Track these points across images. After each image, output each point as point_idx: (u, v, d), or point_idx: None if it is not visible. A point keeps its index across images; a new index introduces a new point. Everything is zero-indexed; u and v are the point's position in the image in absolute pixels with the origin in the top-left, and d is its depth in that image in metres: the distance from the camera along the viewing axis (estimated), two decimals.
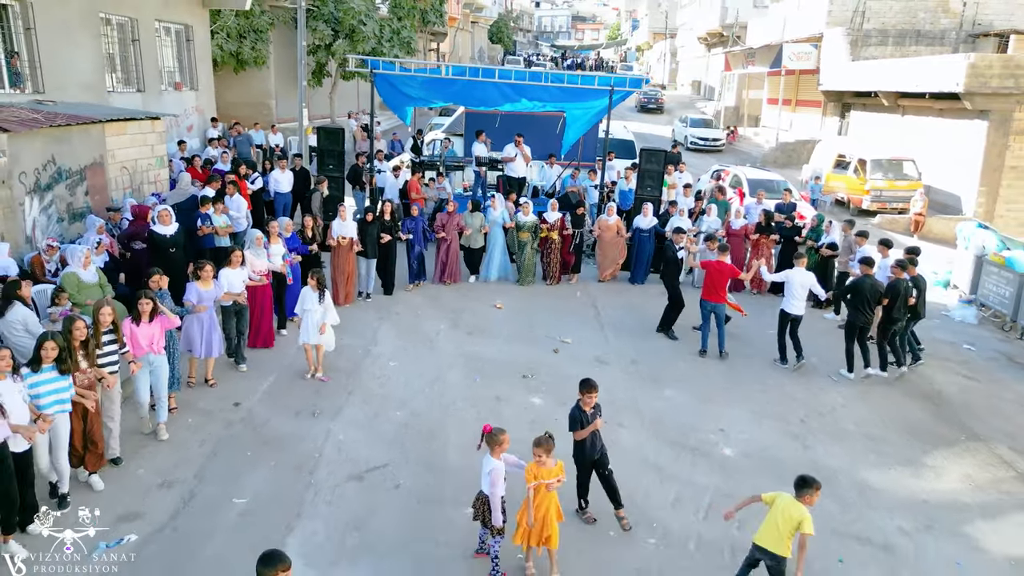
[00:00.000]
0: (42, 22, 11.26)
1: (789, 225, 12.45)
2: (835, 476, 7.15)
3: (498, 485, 5.21)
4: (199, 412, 7.65)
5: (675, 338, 10.44)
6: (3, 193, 8.89)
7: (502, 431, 5.27)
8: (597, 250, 12.94)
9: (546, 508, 5.29)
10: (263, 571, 3.63)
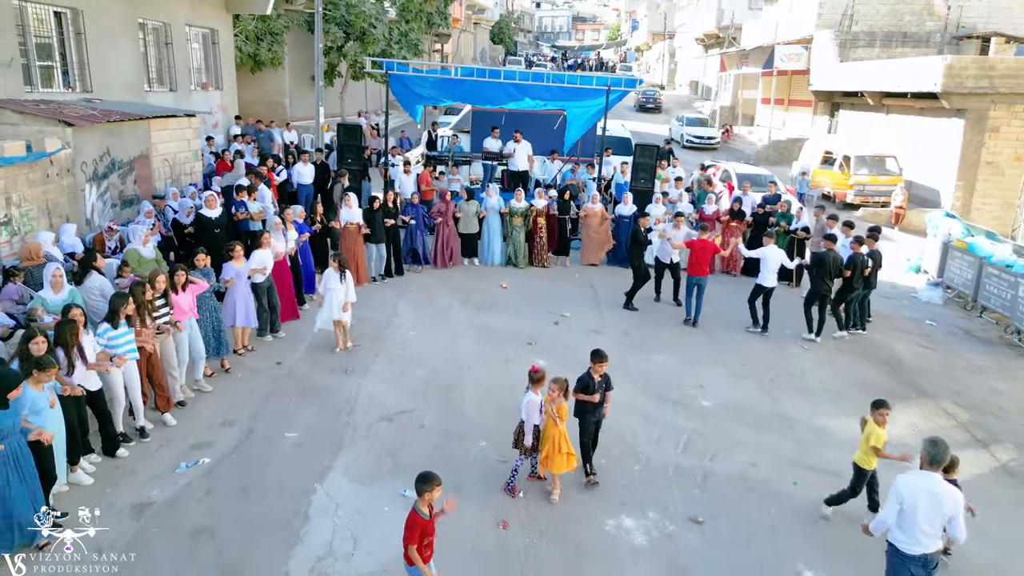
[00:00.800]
0: (91, 28, 12.43)
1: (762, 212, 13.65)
2: (796, 422, 8.32)
3: (533, 415, 6.36)
4: (247, 369, 8.82)
5: (635, 309, 11.63)
6: (68, 180, 10.05)
7: (544, 372, 6.42)
8: (582, 234, 14.10)
9: (558, 438, 6.40)
10: (422, 488, 4.67)
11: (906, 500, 4.76)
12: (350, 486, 6.55)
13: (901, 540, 4.82)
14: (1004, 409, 9.16)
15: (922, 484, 4.76)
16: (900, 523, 4.81)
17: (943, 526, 4.76)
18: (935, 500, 4.70)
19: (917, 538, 4.75)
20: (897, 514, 4.80)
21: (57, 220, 9.74)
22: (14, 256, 8.78)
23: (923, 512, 4.71)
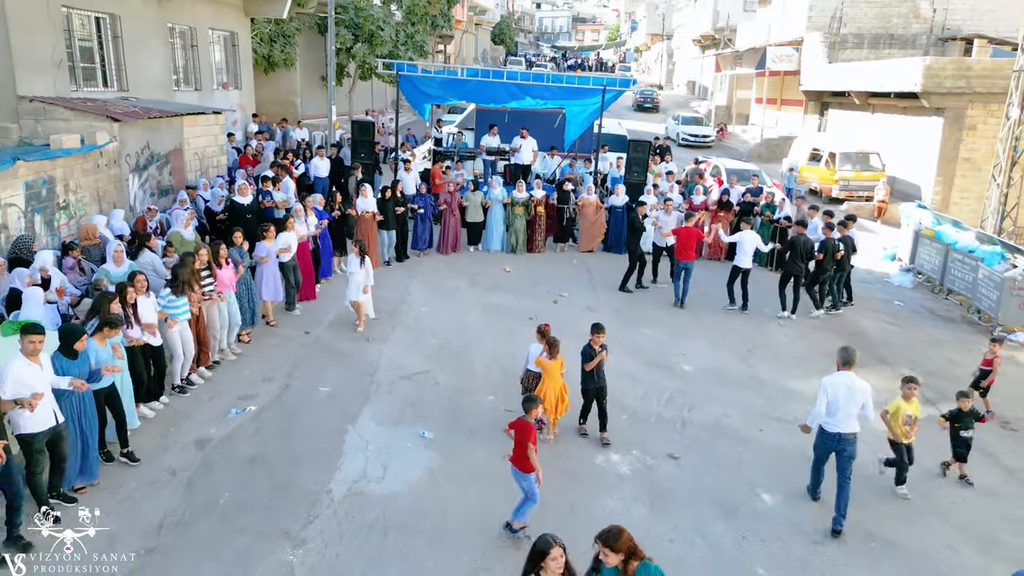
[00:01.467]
0: (127, 32, 13.51)
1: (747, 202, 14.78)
2: (766, 383, 9.42)
3: (530, 361, 7.47)
4: (280, 337, 9.93)
5: (630, 291, 12.71)
6: (114, 171, 11.15)
7: (549, 330, 7.53)
8: (579, 223, 15.18)
9: (558, 388, 7.50)
10: (529, 406, 5.90)
11: (830, 393, 6.34)
12: (377, 428, 7.65)
13: (827, 422, 6.41)
14: (956, 376, 10.21)
15: (840, 380, 6.37)
16: (827, 411, 6.36)
17: (860, 411, 6.35)
18: (851, 392, 6.28)
19: (839, 419, 6.32)
20: (825, 405, 6.27)
21: (106, 206, 10.84)
22: (71, 237, 9.88)
23: (843, 401, 6.30)
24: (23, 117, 10.99)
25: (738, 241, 11.78)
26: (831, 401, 6.32)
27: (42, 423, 5.63)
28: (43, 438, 5.69)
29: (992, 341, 8.72)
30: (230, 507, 6.20)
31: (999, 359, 8.52)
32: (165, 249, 9.89)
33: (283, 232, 10.51)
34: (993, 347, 8.57)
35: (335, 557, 5.66)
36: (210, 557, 5.58)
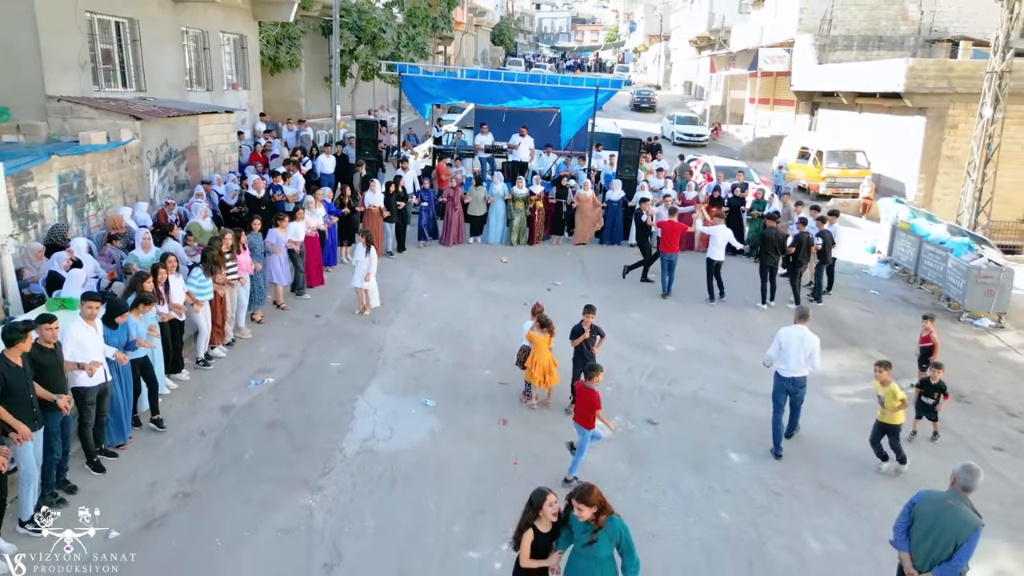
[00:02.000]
0: (144, 35, 14.28)
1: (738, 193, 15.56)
2: (743, 363, 10.19)
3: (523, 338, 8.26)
4: (292, 320, 10.71)
5: (651, 280, 13.45)
6: (136, 166, 11.93)
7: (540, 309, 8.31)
8: (576, 217, 15.95)
9: (547, 360, 8.27)
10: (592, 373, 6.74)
11: (783, 342, 7.65)
12: (384, 397, 8.43)
13: (782, 368, 7.69)
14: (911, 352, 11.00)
15: (794, 332, 7.69)
16: (781, 358, 7.67)
17: (808, 359, 7.60)
18: (801, 342, 7.59)
19: (791, 365, 7.59)
20: (778, 351, 7.69)
21: (129, 199, 11.62)
22: (99, 227, 10.66)
23: (794, 349, 7.58)
24: (51, 116, 11.77)
25: (711, 234, 12.54)
26: (784, 348, 7.64)
27: (95, 379, 6.40)
28: (94, 392, 6.45)
29: (924, 319, 9.26)
30: (254, 461, 6.98)
31: (935, 334, 9.12)
32: (185, 238, 10.66)
33: (292, 222, 11.30)
34: (926, 324, 9.12)
35: (349, 501, 6.43)
36: (240, 501, 6.35)
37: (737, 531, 6.42)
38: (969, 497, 4.70)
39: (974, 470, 4.75)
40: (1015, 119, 22.22)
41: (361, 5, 25.40)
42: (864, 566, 6.09)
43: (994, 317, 12.65)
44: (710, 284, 12.69)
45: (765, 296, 12.52)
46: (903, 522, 4.83)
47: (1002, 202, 22.16)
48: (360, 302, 11.36)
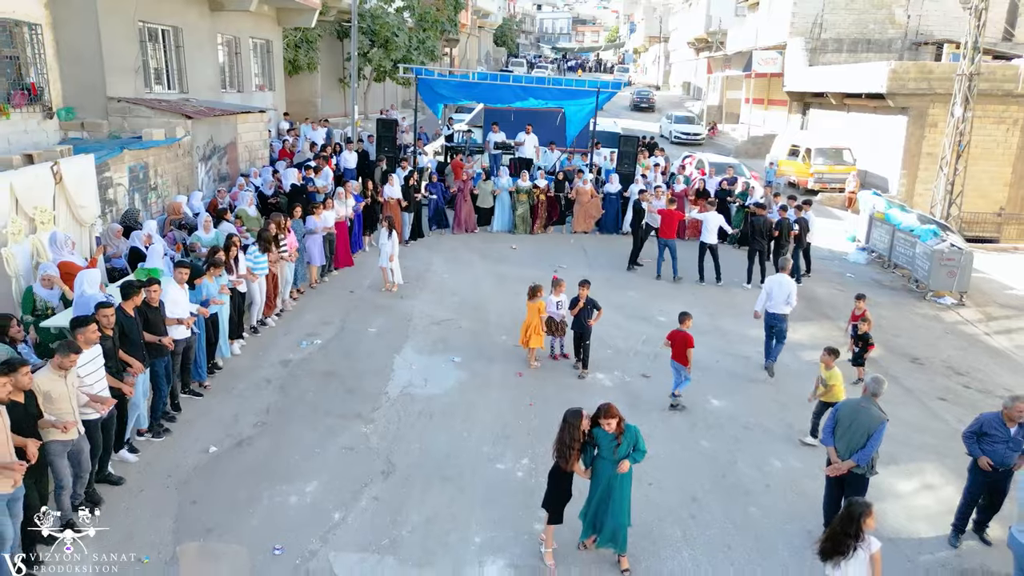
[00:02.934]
0: (187, 42, 15.71)
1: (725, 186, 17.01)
2: (728, 331, 11.61)
3: (551, 308, 9.64)
4: (328, 295, 12.14)
5: (641, 265, 14.87)
6: (187, 160, 13.37)
7: (562, 281, 9.72)
8: (575, 208, 17.35)
9: (536, 324, 9.67)
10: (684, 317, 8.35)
11: (768, 288, 9.90)
12: (417, 356, 9.86)
13: (769, 305, 9.82)
14: (883, 327, 12.42)
15: (776, 279, 9.91)
16: (768, 299, 9.81)
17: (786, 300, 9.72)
18: (780, 286, 9.79)
19: (774, 304, 9.77)
20: (766, 296, 9.78)
21: (182, 189, 13.05)
22: (160, 213, 12.10)
23: (775, 291, 9.78)
24: (111, 115, 13.19)
25: (703, 220, 13.97)
26: (768, 292, 9.91)
27: (184, 332, 7.82)
28: (183, 344, 7.88)
29: (856, 298, 10.29)
30: (315, 401, 8.42)
31: (866, 312, 10.21)
32: (234, 223, 12.09)
33: (325, 211, 12.74)
34: (858, 303, 10.26)
35: (396, 430, 7.87)
36: (308, 429, 7.79)
37: (714, 454, 7.86)
38: (878, 402, 6.12)
39: (880, 380, 6.18)
40: (991, 118, 23.75)
41: (375, 10, 26.81)
42: (816, 480, 7.50)
43: (956, 296, 14.08)
44: (701, 265, 14.10)
45: (751, 276, 13.95)
46: (830, 425, 6.26)
47: (980, 196, 23.68)
48: (386, 280, 12.76)
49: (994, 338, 12.39)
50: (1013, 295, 14.83)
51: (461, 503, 6.66)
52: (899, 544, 6.54)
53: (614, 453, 5.81)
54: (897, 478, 7.62)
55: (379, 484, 6.85)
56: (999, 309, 13.91)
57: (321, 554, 5.83)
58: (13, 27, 11.67)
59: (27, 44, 12.00)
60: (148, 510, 6.27)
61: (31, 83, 12.07)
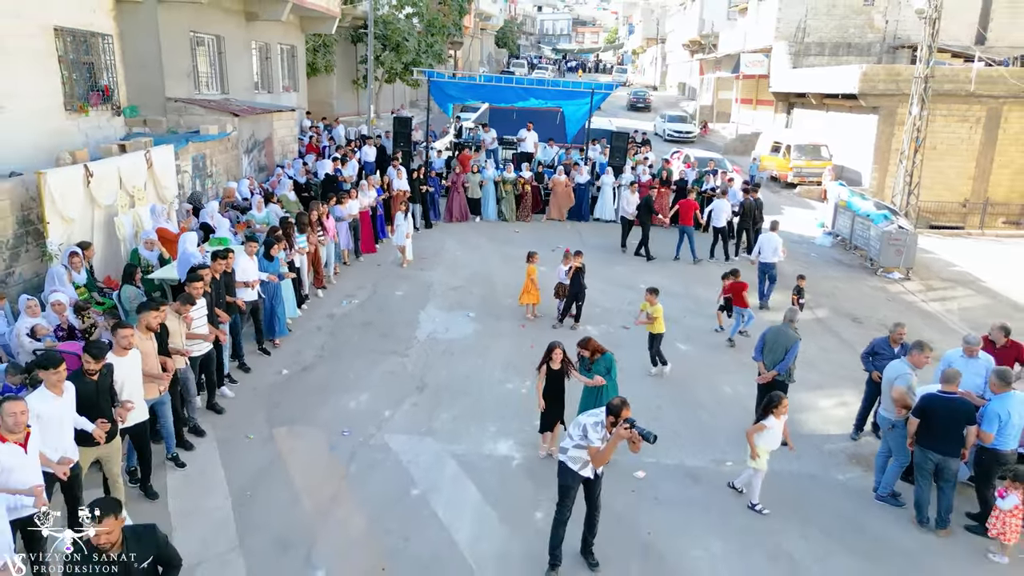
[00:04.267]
0: (228, 48, 17.78)
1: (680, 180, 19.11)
2: (699, 297, 13.66)
3: (561, 275, 11.70)
4: (358, 271, 14.20)
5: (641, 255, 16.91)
6: (234, 152, 15.43)
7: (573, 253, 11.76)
8: (551, 197, 19.33)
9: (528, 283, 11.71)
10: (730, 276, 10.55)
11: (762, 242, 12.95)
12: (438, 312, 11.93)
13: (762, 256, 12.92)
14: (835, 296, 14.50)
15: (766, 236, 13.04)
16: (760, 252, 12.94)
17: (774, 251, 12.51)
18: (770, 240, 12.60)
19: (765, 256, 12.77)
20: (759, 249, 12.06)
21: (231, 177, 15.11)
22: (215, 196, 14.14)
23: (766, 245, 12.65)
24: (168, 113, 15.26)
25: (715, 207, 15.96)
26: (761, 246, 13.07)
27: (252, 295, 9.83)
28: (251, 305, 9.86)
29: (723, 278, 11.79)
30: (359, 342, 10.49)
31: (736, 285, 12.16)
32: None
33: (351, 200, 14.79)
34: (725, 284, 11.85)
35: (425, 361, 9.94)
36: (355, 360, 9.85)
37: (677, 381, 9.92)
38: (795, 327, 8.18)
39: (795, 310, 8.27)
40: (956, 117, 25.84)
41: (387, 17, 28.87)
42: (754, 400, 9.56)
43: (903, 271, 16.13)
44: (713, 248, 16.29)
45: (713, 251, 16.05)
46: (759, 345, 8.32)
47: (946, 188, 25.76)
48: (403, 257, 14.80)
49: (929, 304, 14.45)
50: (955, 271, 16.89)
51: (478, 408, 8.73)
52: (814, 439, 8.60)
53: (588, 370, 7.75)
54: (820, 398, 9.69)
55: (415, 396, 8.93)
56: (939, 282, 15.97)
57: (378, 436, 7.90)
58: (90, 38, 13.72)
59: (101, 52, 14.04)
60: (245, 410, 8.34)
61: (104, 86, 14.12)
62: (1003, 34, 33.25)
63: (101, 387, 6.01)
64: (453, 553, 6.10)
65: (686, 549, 6.40)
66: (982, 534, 6.62)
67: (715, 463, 7.92)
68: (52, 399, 5.58)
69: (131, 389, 6.35)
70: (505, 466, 7.53)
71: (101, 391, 6.00)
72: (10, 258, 9.01)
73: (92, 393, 5.93)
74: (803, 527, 6.81)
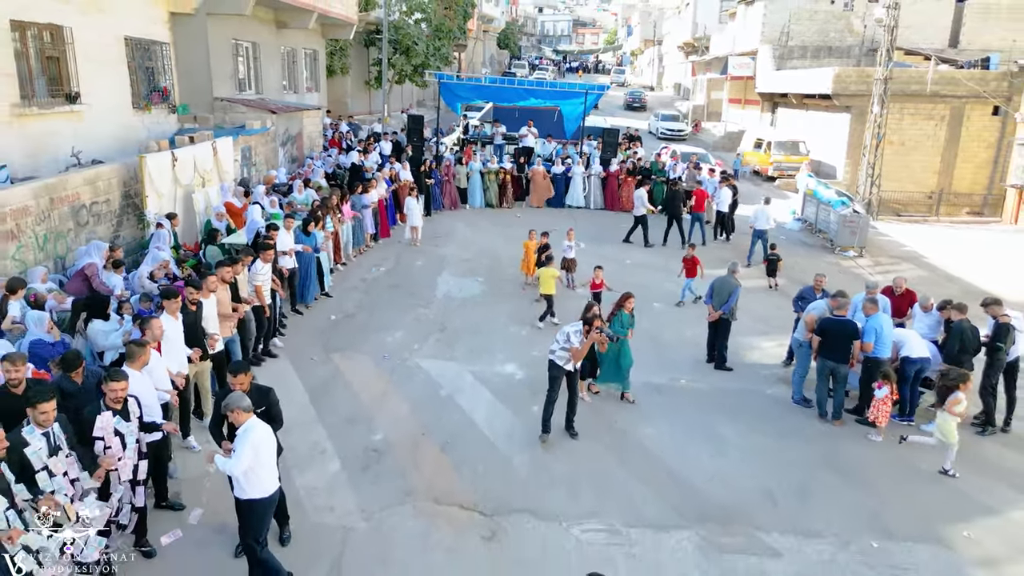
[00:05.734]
0: (262, 54, 20.05)
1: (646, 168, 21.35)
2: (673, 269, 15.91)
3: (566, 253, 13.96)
4: (382, 247, 16.47)
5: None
6: (272, 145, 17.70)
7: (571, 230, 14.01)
8: (531, 186, 21.55)
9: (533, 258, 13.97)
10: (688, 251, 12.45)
11: (756, 212, 15.55)
12: (452, 277, 14.20)
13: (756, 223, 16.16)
14: (794, 269, 16.72)
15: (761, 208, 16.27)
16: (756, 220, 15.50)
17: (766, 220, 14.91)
18: (764, 212, 15.70)
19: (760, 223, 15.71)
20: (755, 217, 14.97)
21: (270, 167, 17.37)
22: (258, 182, 16.41)
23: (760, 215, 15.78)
24: (215, 111, 17.51)
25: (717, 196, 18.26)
26: (756, 216, 16.02)
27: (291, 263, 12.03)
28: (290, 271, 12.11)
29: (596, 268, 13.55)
30: (389, 298, 12.76)
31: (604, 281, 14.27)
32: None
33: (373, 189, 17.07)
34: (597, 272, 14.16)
35: (444, 312, 12.22)
36: (388, 310, 12.12)
37: (649, 330, 12.15)
38: (737, 276, 10.44)
39: (736, 263, 10.54)
40: (922, 115, 28.10)
41: (397, 23, 31.12)
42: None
43: (857, 250, 18.37)
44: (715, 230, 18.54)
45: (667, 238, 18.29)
46: (709, 291, 10.58)
47: (913, 182, 28.02)
48: (414, 238, 17.01)
49: (874, 276, 16.61)
50: (904, 250, 19.15)
51: (488, 344, 11.00)
52: (754, 367, 10.86)
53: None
54: (764, 340, 11.95)
55: (438, 334, 11.22)
56: (887, 259, 18.22)
57: (411, 359, 10.19)
58: (151, 46, 15.98)
59: (159, 58, 16.31)
60: (304, 343, 10.62)
61: (164, 87, 16.40)
62: (974, 38, 35.54)
63: (197, 318, 8.04)
64: (473, 428, 8.39)
65: (643, 430, 8.67)
66: (865, 423, 8.88)
67: (672, 380, 10.20)
68: (171, 322, 7.76)
69: (213, 326, 8.37)
70: (510, 379, 9.81)
71: (197, 322, 8.03)
72: (116, 224, 11.29)
73: (192, 323, 7.99)
74: (734, 420, 9.07)
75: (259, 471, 5.49)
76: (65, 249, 9.96)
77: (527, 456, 7.87)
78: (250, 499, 5.51)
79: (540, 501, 7.03)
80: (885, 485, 7.75)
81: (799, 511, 7.20)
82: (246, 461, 5.36)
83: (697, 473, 7.78)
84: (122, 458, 5.75)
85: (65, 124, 12.78)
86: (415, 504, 6.83)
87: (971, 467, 8.12)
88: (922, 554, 6.67)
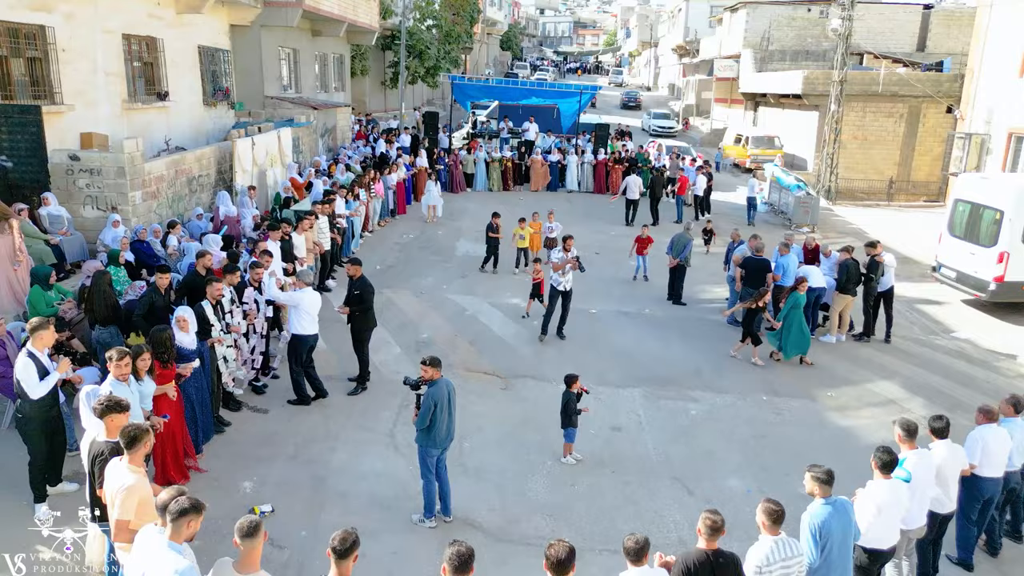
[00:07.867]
0: (301, 59, 23.31)
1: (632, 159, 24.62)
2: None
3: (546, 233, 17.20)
4: (406, 221, 19.73)
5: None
6: (313, 136, 20.96)
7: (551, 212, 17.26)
8: (530, 173, 24.81)
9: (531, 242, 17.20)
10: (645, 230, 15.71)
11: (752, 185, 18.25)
12: (468, 243, 17.47)
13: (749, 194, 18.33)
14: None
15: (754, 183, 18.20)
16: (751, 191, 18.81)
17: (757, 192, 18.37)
18: (752, 186, 17.77)
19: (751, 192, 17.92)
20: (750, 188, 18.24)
21: (312, 154, 20.63)
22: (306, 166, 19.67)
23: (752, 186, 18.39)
24: (266, 107, 20.78)
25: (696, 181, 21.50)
26: (751, 187, 19.42)
27: (342, 223, 15.31)
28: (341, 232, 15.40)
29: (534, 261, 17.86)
30: (419, 256, 16.06)
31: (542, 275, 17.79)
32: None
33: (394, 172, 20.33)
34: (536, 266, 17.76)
35: (464, 265, 15.53)
36: (421, 264, 15.41)
37: (624, 279, 15.38)
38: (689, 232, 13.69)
39: (689, 223, 13.82)
40: (883, 113, 31.30)
41: (412, 28, 34.33)
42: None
43: (809, 227, 21.59)
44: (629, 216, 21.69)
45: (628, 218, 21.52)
46: (669, 245, 13.82)
47: (875, 172, 31.25)
48: (430, 215, 20.22)
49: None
50: (850, 227, 22.38)
51: (499, 285, 14.30)
52: (703, 302, 14.09)
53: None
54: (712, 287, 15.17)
55: (461, 280, 14.52)
56: (835, 234, 21.41)
57: (441, 295, 13.46)
58: (216, 52, 19.25)
59: (221, 63, 19.58)
60: None
61: (225, 87, 19.66)
62: (939, 43, 38.83)
63: (290, 246, 11.39)
64: (490, 331, 11.73)
65: (614, 336, 11.94)
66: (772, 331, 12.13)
67: (638, 310, 13.49)
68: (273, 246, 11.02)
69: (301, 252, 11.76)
70: (517, 307, 13.08)
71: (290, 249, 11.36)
72: (212, 193, 14.56)
73: (287, 248, 11.31)
74: (682, 334, 12.32)
75: (303, 317, 8.76)
76: (183, 208, 13.23)
77: (529, 349, 11.17)
78: (295, 334, 8.83)
79: (538, 370, 10.32)
80: (779, 367, 11.01)
81: (715, 379, 10.48)
82: (296, 299, 8.84)
83: (648, 358, 11.06)
84: (257, 316, 9.04)
85: (157, 116, 16.07)
86: (454, 371, 10.08)
87: (849, 362, 11.37)
88: (795, 404, 9.92)
